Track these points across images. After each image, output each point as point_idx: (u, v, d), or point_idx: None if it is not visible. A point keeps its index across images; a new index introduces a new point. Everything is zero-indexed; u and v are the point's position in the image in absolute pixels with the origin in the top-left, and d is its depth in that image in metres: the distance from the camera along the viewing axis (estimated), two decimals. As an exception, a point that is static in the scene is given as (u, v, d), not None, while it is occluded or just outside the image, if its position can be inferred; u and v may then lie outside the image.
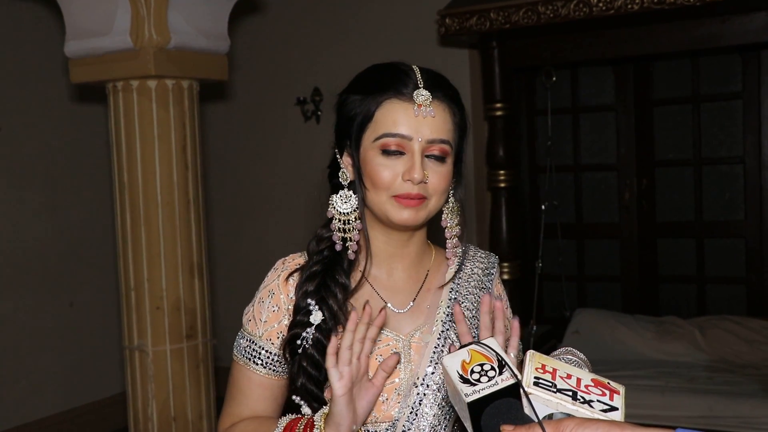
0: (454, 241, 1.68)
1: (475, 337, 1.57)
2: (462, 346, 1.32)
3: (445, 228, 1.68)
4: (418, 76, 1.58)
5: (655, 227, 5.40)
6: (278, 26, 5.78)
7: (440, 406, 1.59)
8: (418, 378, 1.59)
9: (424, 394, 1.58)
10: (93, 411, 5.41)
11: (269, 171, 5.90)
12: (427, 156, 1.56)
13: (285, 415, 1.62)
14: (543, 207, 4.82)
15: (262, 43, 5.80)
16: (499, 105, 4.51)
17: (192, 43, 3.49)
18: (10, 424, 4.96)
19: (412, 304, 1.67)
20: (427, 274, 1.72)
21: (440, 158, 1.57)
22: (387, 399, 1.59)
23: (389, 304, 1.66)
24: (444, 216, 1.67)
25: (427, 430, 1.58)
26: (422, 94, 1.55)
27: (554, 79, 4.76)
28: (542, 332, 4.83)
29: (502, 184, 4.56)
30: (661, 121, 5.36)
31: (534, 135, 5.55)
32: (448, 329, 1.64)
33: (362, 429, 1.59)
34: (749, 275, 5.16)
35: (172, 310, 3.48)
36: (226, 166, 6.02)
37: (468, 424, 1.26)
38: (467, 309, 1.67)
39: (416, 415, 1.57)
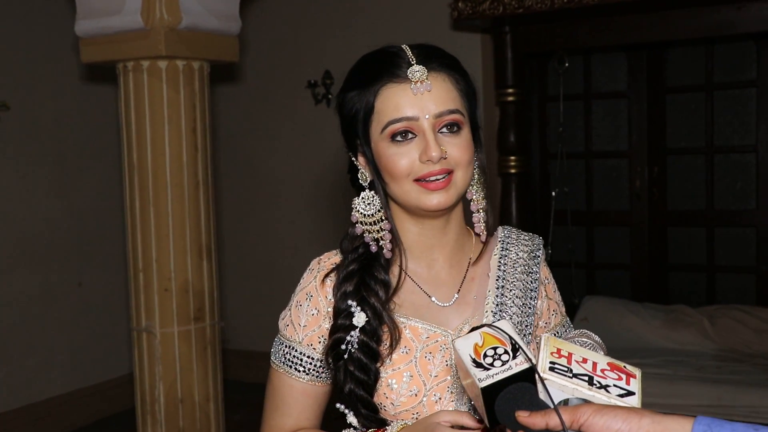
0: (482, 214, 1.61)
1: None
2: (473, 329, 1.29)
3: (471, 200, 1.60)
4: (409, 53, 1.50)
5: (666, 215, 5.37)
6: (289, 8, 5.75)
7: None
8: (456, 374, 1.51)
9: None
10: (100, 392, 5.43)
11: (279, 154, 5.89)
12: (440, 131, 1.48)
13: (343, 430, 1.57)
14: (553, 194, 4.81)
15: (272, 26, 5.78)
16: (510, 90, 4.49)
17: (203, 24, 3.46)
18: (18, 404, 4.98)
19: (457, 296, 1.59)
20: (469, 262, 1.63)
21: (455, 129, 1.49)
22: (441, 398, 1.51)
23: (433, 298, 1.58)
24: (469, 188, 1.58)
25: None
26: (416, 70, 1.47)
27: (567, 64, 4.74)
28: (550, 319, 4.81)
29: (513, 170, 4.54)
30: (673, 109, 5.32)
31: (545, 121, 5.52)
32: (498, 320, 1.52)
33: (408, 423, 1.52)
34: (759, 265, 5.13)
35: (180, 292, 3.48)
36: (235, 148, 6.01)
37: (481, 410, 1.24)
38: (516, 296, 1.58)
39: (474, 411, 1.47)
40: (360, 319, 1.52)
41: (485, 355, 1.23)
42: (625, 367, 1.26)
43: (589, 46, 5.01)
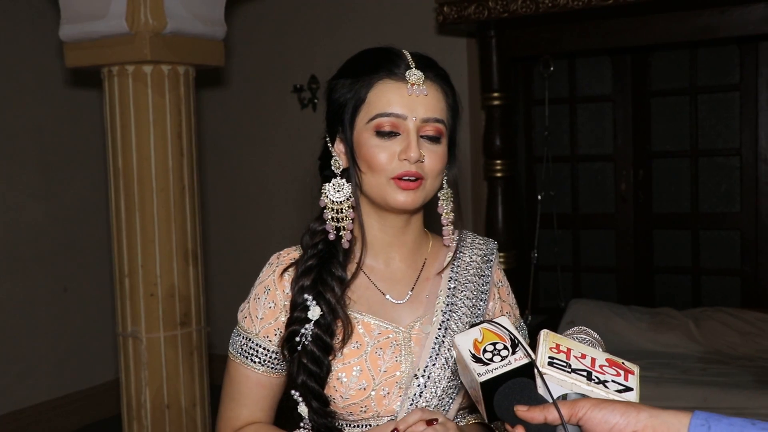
0: (450, 227, 1.66)
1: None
2: (473, 325, 1.31)
3: (441, 214, 1.66)
4: (409, 57, 1.58)
5: (651, 218, 5.40)
6: (275, 13, 5.75)
7: (440, 397, 1.57)
8: (418, 370, 1.56)
9: (425, 386, 1.56)
10: (86, 398, 5.40)
11: (265, 158, 5.88)
12: (422, 136, 1.54)
13: (293, 431, 1.62)
14: (539, 197, 4.81)
15: (258, 30, 5.77)
16: (496, 94, 4.49)
17: (188, 29, 3.45)
18: (2, 410, 4.94)
19: (410, 294, 1.64)
20: (424, 263, 1.68)
21: (435, 138, 1.56)
22: (389, 393, 1.56)
23: (387, 296, 1.63)
24: (440, 202, 1.64)
25: None
26: (415, 74, 1.54)
27: (552, 68, 4.75)
28: (537, 322, 4.82)
29: (499, 174, 4.54)
30: (658, 113, 5.36)
31: (531, 125, 5.54)
32: (448, 319, 1.61)
33: (364, 425, 1.58)
34: (744, 267, 5.16)
35: (166, 297, 3.46)
36: (221, 152, 6.00)
37: (480, 405, 1.24)
38: (466, 297, 1.64)
39: (416, 407, 1.55)
40: (315, 312, 1.57)
41: (485, 351, 1.25)
42: (623, 363, 1.27)
43: (574, 50, 5.04)
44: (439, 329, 1.60)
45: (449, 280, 1.65)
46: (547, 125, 4.89)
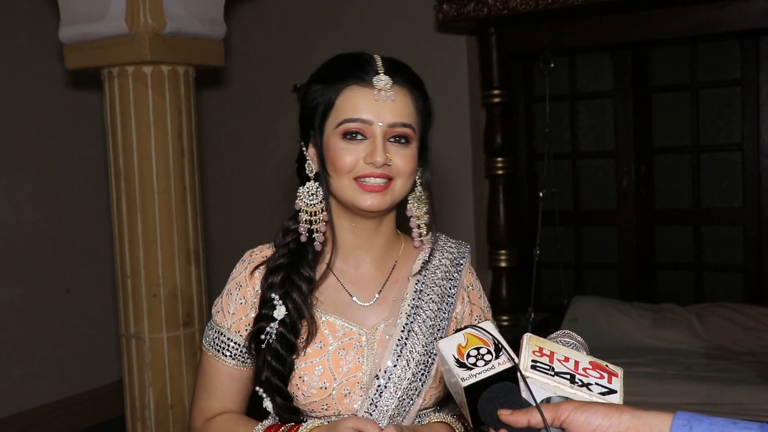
0: (420, 230, 1.68)
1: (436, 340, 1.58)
2: (458, 330, 1.31)
3: (411, 217, 1.68)
4: (379, 63, 1.59)
5: (653, 215, 5.39)
6: (275, 12, 5.74)
7: (400, 398, 1.59)
8: (380, 371, 1.59)
9: (385, 387, 1.58)
10: (89, 399, 5.40)
11: (265, 158, 5.87)
12: (389, 140, 1.57)
13: (262, 421, 1.66)
14: (540, 194, 4.81)
15: (258, 30, 5.76)
16: (496, 92, 4.50)
17: (188, 29, 3.45)
18: (5, 413, 4.95)
19: (377, 296, 1.67)
20: (394, 265, 1.71)
21: (403, 140, 1.58)
22: (350, 393, 1.59)
23: (354, 297, 1.66)
24: (409, 204, 1.67)
25: (385, 421, 1.58)
26: (381, 80, 1.56)
27: (552, 65, 4.75)
28: (539, 320, 4.82)
29: (500, 172, 4.55)
30: (659, 108, 5.34)
31: (532, 122, 5.53)
32: (412, 322, 1.63)
33: (324, 422, 1.60)
34: (747, 263, 5.15)
35: (168, 297, 3.46)
36: (222, 152, 5.99)
37: (465, 409, 1.25)
38: (432, 301, 1.66)
39: (375, 406, 1.58)
40: (280, 311, 1.61)
41: (468, 355, 1.26)
42: (606, 366, 1.28)
43: (573, 47, 5.03)
44: (402, 331, 1.62)
45: (416, 283, 1.67)
46: (547, 122, 4.89)
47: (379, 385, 1.58)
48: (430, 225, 1.70)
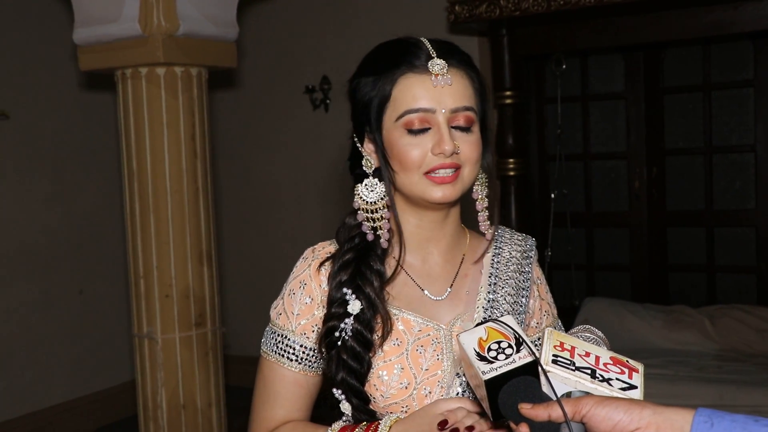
0: (486, 213, 1.61)
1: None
2: (478, 324, 1.30)
3: (477, 200, 1.60)
4: (429, 46, 1.51)
5: (665, 216, 5.37)
6: (287, 14, 5.76)
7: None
8: (460, 368, 1.51)
9: (467, 384, 1.50)
10: (102, 399, 5.42)
11: (278, 159, 5.89)
12: (453, 127, 1.49)
13: (335, 422, 1.55)
14: (552, 195, 4.81)
15: (270, 31, 5.78)
16: (508, 93, 4.49)
17: (201, 30, 3.47)
18: (20, 412, 4.97)
19: (449, 290, 1.59)
20: (463, 258, 1.63)
21: (466, 128, 1.50)
22: (431, 392, 1.51)
23: (426, 291, 1.58)
24: (475, 188, 1.59)
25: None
26: (437, 63, 1.48)
27: (564, 66, 4.74)
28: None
29: (512, 173, 4.54)
30: (671, 109, 5.33)
31: (543, 123, 5.52)
32: (489, 316, 1.55)
33: (401, 416, 1.51)
34: (759, 264, 5.13)
35: (181, 298, 3.48)
36: (234, 154, 6.01)
37: (485, 403, 1.24)
38: (507, 294, 1.59)
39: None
40: (355, 306, 1.52)
41: (489, 349, 1.25)
42: (627, 361, 1.28)
43: (585, 48, 5.02)
44: None
45: (489, 276, 1.60)
46: (559, 123, 4.88)
47: (461, 383, 1.51)
48: (491, 208, 1.63)
